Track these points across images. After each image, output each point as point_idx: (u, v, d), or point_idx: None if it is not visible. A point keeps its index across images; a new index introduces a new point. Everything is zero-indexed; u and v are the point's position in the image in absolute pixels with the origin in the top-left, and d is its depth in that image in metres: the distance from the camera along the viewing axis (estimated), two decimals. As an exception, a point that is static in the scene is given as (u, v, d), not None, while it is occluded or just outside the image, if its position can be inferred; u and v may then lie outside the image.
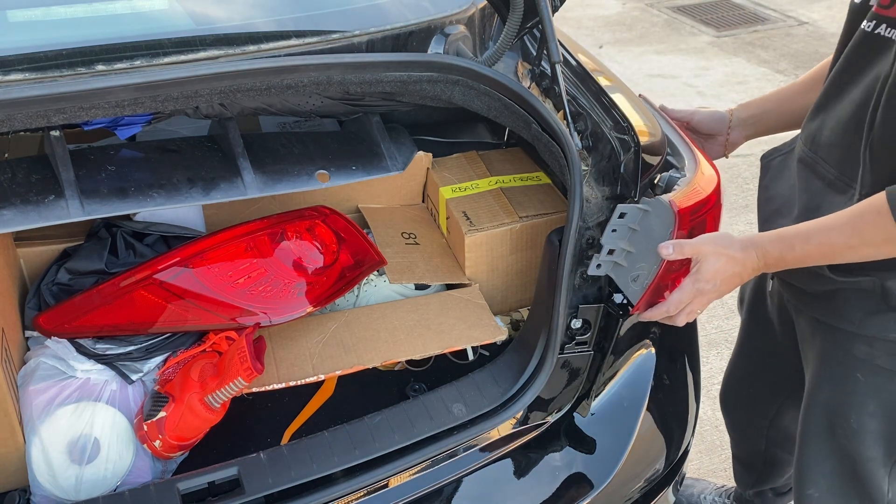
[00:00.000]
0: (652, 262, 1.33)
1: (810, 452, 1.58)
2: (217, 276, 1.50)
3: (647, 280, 1.33)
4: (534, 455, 1.47)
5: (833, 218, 1.28)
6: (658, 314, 1.35)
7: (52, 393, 1.37)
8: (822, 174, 1.42)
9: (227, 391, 1.37)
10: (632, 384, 1.58)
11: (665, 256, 1.29)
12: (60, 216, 1.26)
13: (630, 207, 1.35)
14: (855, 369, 1.44)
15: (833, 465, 1.54)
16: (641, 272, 1.35)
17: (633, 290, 1.37)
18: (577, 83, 1.55)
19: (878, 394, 1.43)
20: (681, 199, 1.35)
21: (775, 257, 1.31)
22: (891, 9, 1.29)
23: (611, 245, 1.37)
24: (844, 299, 1.41)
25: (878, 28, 1.31)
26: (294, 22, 1.41)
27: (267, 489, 1.25)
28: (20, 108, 1.12)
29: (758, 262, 1.31)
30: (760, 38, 5.52)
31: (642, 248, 1.35)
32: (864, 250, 1.27)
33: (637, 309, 1.36)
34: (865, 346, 1.41)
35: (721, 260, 1.29)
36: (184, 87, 1.21)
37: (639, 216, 1.35)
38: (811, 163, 1.45)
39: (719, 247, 1.30)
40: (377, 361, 1.55)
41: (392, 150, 1.63)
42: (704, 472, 2.47)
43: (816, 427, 1.55)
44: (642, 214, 1.35)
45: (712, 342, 2.97)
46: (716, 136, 1.70)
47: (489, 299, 1.73)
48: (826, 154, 1.41)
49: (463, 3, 1.54)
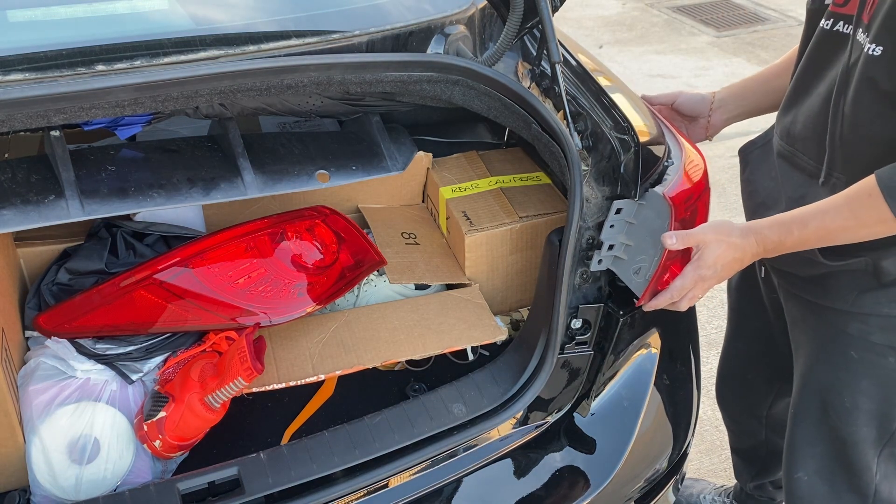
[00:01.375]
0: (652, 253, 1.35)
1: (801, 433, 1.60)
2: (217, 276, 1.50)
3: (649, 272, 1.36)
4: (534, 455, 1.47)
5: (828, 202, 1.32)
6: (662, 302, 1.37)
7: (52, 393, 1.37)
8: (801, 166, 1.47)
9: (227, 391, 1.37)
10: (632, 384, 1.58)
11: (669, 247, 1.31)
12: (60, 216, 1.26)
13: (625, 202, 1.37)
14: (849, 346, 1.47)
15: (824, 447, 1.57)
16: (643, 264, 1.37)
17: (637, 282, 1.39)
18: (577, 83, 1.55)
19: (872, 371, 1.46)
20: (673, 189, 1.37)
21: (774, 242, 1.33)
22: (846, 6, 1.35)
23: (610, 241, 1.40)
24: (836, 281, 1.44)
25: (836, 25, 1.37)
26: (294, 22, 1.40)
27: (267, 489, 1.25)
28: (20, 108, 1.12)
29: (757, 248, 1.34)
30: (760, 38, 5.52)
31: (641, 240, 1.38)
32: (859, 231, 1.31)
33: (643, 300, 1.38)
34: (859, 323, 1.44)
35: (722, 246, 1.32)
36: (184, 87, 1.21)
37: (634, 210, 1.38)
38: (789, 156, 1.50)
39: (720, 234, 1.33)
40: (377, 361, 1.55)
41: (392, 150, 1.63)
42: (704, 472, 2.47)
43: (809, 407, 1.57)
44: (638, 208, 1.38)
45: (712, 342, 2.97)
46: (698, 119, 1.74)
47: (489, 299, 1.73)
48: (802, 147, 1.47)
49: (463, 3, 1.53)
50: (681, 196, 1.37)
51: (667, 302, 1.37)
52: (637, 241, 1.38)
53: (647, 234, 1.36)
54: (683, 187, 1.40)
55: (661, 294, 1.36)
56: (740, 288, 1.88)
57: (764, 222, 1.36)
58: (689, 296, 1.36)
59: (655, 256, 1.34)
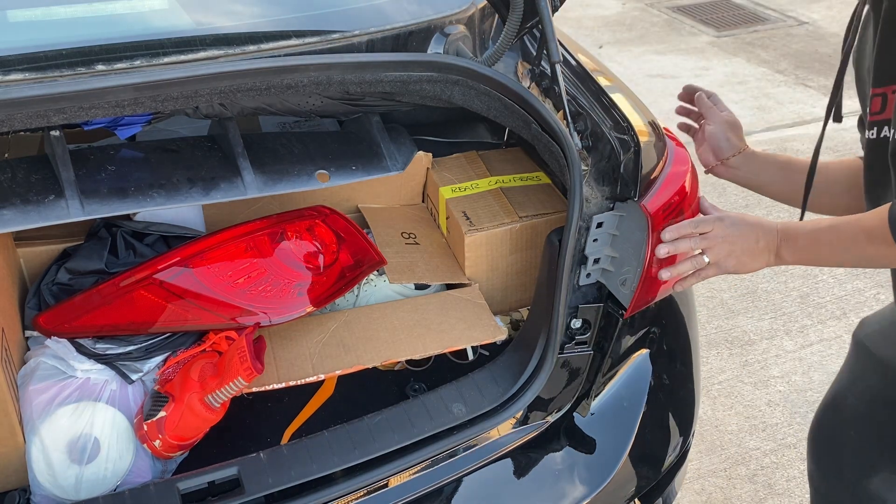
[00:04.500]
0: (635, 264, 1.35)
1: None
2: (217, 275, 1.50)
3: (633, 283, 1.36)
4: (533, 455, 1.47)
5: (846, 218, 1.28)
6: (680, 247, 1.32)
7: (52, 393, 1.37)
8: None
9: (227, 391, 1.37)
10: (631, 384, 1.58)
11: (661, 256, 1.31)
12: (60, 216, 1.26)
13: (606, 216, 1.38)
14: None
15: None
16: (628, 275, 1.38)
17: (623, 293, 1.40)
18: (577, 83, 1.55)
19: None
20: (650, 199, 1.36)
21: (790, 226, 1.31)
22: (882, 113, 1.32)
23: (595, 255, 1.40)
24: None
25: (881, 132, 1.33)
26: (294, 22, 1.40)
27: (267, 489, 1.25)
28: (20, 108, 1.12)
29: (773, 224, 1.32)
30: (760, 38, 5.52)
31: (625, 251, 1.38)
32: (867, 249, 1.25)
33: (629, 313, 1.38)
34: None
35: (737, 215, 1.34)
36: (184, 87, 1.21)
37: (616, 222, 1.38)
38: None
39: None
40: (377, 361, 1.55)
41: (392, 150, 1.63)
42: (704, 472, 2.47)
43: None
44: (619, 220, 1.38)
45: (712, 342, 2.97)
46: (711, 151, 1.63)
47: (489, 299, 1.73)
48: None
49: (463, 3, 1.53)
50: (660, 206, 1.36)
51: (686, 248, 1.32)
52: (621, 252, 1.39)
53: (629, 245, 1.37)
54: (663, 197, 1.38)
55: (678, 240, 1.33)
56: (869, 334, 1.61)
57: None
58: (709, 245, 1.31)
59: (638, 268, 1.35)
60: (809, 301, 3.17)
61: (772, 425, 2.63)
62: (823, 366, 2.86)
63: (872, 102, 1.33)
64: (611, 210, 1.38)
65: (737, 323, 3.06)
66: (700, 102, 1.66)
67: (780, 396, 2.74)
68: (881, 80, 1.31)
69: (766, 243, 1.32)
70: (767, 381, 2.80)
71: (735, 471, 2.47)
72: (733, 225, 1.32)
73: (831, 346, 2.95)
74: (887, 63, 1.29)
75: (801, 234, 1.30)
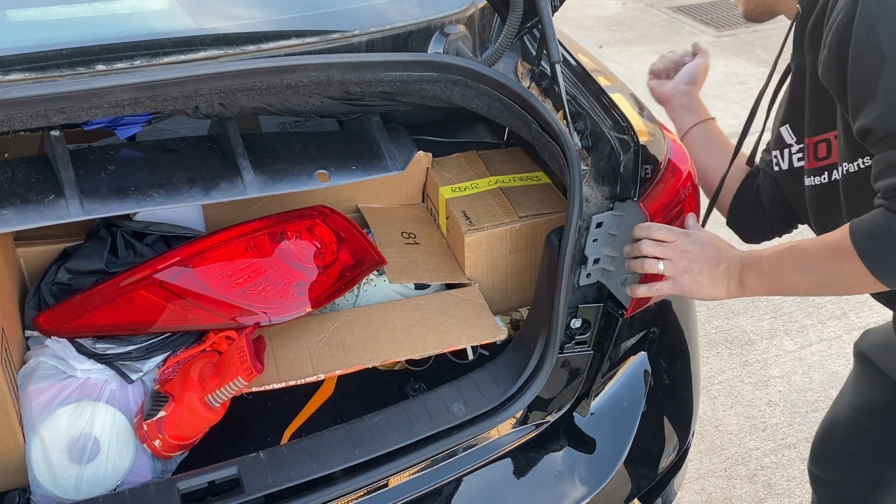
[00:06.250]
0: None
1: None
2: (217, 275, 1.50)
3: (633, 283, 1.37)
4: (533, 454, 1.47)
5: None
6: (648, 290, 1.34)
7: (52, 392, 1.37)
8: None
9: (227, 391, 1.37)
10: (631, 384, 1.58)
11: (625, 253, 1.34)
12: (60, 216, 1.26)
13: (605, 216, 1.38)
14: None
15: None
16: (628, 275, 1.37)
17: (623, 293, 1.40)
18: (577, 83, 1.55)
19: None
20: (652, 198, 1.37)
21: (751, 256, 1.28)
22: (829, 158, 1.35)
23: (595, 255, 1.40)
24: None
25: (831, 176, 1.36)
26: (294, 22, 1.40)
27: (267, 489, 1.25)
28: (20, 108, 1.12)
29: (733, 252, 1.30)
30: (760, 38, 5.52)
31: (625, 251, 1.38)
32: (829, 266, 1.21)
33: (629, 313, 1.38)
34: None
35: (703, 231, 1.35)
36: (184, 86, 1.21)
37: (615, 222, 1.38)
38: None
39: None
40: (377, 361, 1.55)
41: (392, 150, 1.63)
42: (704, 472, 2.47)
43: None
44: (618, 220, 1.38)
45: (712, 342, 2.97)
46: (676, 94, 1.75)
47: (489, 299, 1.73)
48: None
49: (463, 3, 1.53)
50: (660, 204, 1.36)
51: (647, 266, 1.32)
52: (621, 252, 1.38)
53: (629, 244, 1.37)
54: (663, 197, 1.39)
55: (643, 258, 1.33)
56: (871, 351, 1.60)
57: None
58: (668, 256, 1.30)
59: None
60: (809, 301, 3.17)
61: (772, 425, 2.64)
62: (823, 366, 2.86)
63: (817, 149, 1.35)
64: (610, 210, 1.38)
65: (737, 323, 3.06)
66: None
67: (780, 396, 2.74)
68: (819, 128, 1.35)
69: (727, 268, 1.28)
70: (767, 381, 2.81)
71: (735, 471, 2.48)
72: (698, 242, 1.30)
73: (831, 346, 2.95)
74: (822, 115, 1.34)
75: (764, 256, 1.26)
